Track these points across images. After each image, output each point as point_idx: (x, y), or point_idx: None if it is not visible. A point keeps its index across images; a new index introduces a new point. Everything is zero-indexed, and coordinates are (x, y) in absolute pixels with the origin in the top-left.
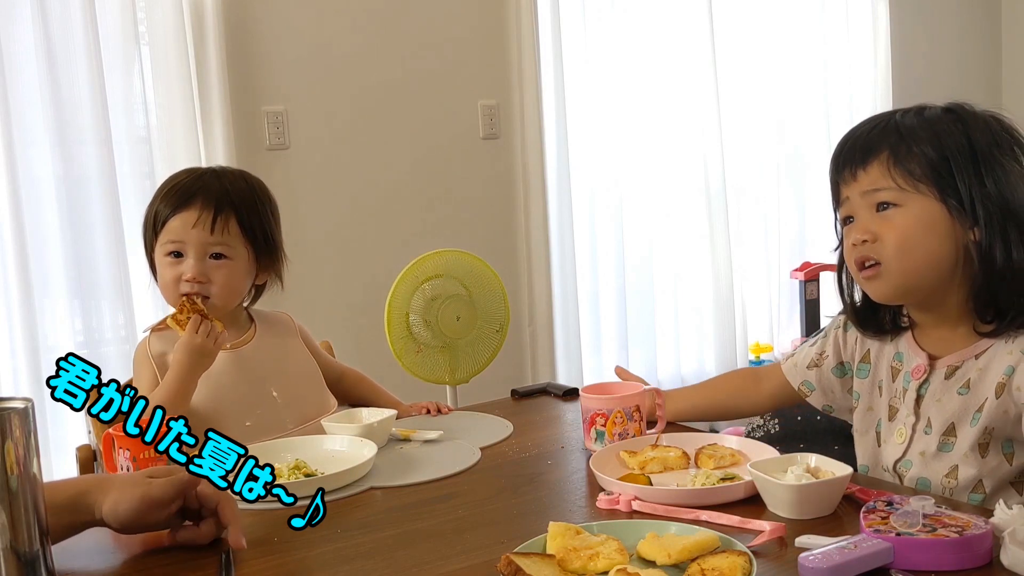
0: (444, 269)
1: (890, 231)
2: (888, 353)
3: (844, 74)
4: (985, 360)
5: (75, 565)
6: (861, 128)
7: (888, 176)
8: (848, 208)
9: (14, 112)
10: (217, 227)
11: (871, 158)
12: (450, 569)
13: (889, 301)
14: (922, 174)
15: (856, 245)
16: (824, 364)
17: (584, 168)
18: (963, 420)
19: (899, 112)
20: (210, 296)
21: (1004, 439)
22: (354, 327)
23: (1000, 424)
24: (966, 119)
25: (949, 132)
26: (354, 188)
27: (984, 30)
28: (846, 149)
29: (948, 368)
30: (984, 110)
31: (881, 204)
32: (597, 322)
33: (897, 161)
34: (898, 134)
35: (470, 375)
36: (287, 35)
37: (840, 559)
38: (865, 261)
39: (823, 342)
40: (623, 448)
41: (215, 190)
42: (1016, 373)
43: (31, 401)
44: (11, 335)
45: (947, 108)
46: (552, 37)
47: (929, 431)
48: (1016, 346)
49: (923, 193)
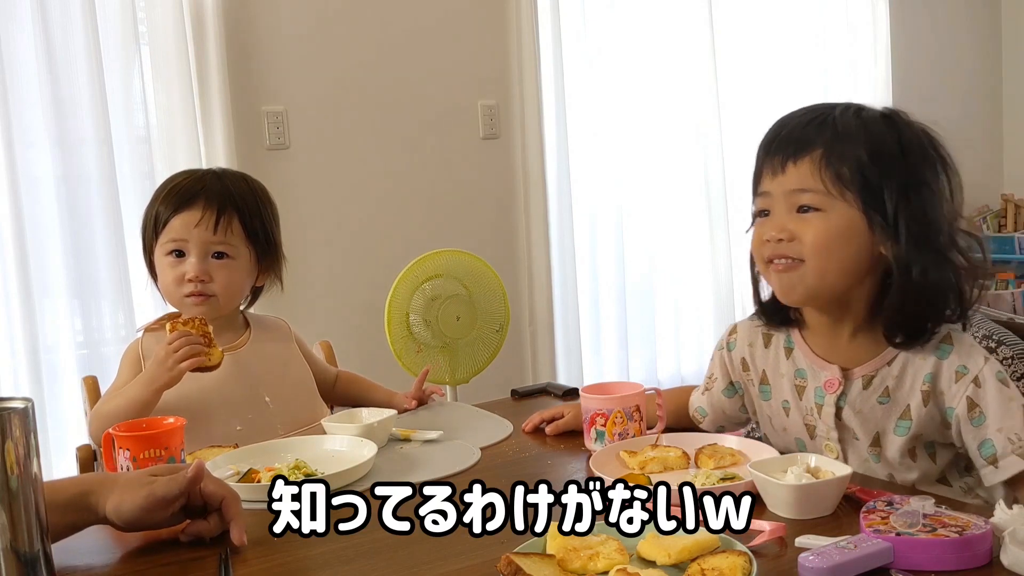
0: (444, 269)
1: (808, 232)
2: (786, 372)
3: (844, 75)
4: (899, 367)
5: (75, 564)
6: (797, 118)
7: (817, 177)
8: (766, 202)
9: (14, 112)
10: (220, 227)
11: (804, 153)
12: (450, 569)
13: (796, 303)
14: (851, 180)
15: (769, 242)
16: (714, 387)
17: (584, 168)
18: (887, 429)
19: (838, 108)
20: (212, 295)
21: (927, 442)
22: (354, 327)
23: (928, 430)
24: (901, 129)
25: (884, 140)
26: (354, 188)
27: (984, 30)
28: (780, 137)
29: (864, 378)
30: (918, 122)
31: (803, 207)
32: (597, 322)
33: (829, 162)
34: (835, 132)
35: (470, 375)
36: (287, 35)
37: (840, 559)
38: (778, 259)
39: (711, 365)
40: (623, 448)
41: (218, 190)
42: (938, 379)
43: (31, 401)
44: (11, 335)
45: (884, 113)
46: (552, 37)
47: (857, 440)
48: (927, 351)
49: (847, 201)
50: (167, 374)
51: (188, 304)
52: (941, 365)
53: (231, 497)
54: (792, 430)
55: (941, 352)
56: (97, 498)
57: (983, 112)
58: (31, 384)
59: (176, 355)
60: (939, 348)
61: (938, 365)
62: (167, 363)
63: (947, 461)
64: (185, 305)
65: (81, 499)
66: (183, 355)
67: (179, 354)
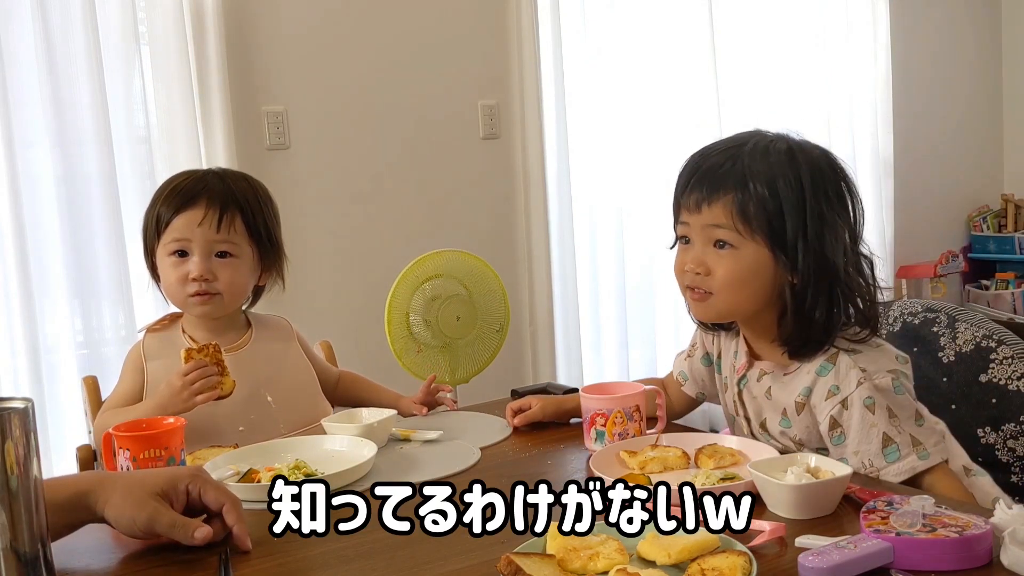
0: (444, 269)
1: (721, 268)
2: (731, 350)
3: (844, 75)
4: (789, 378)
5: (75, 565)
6: (711, 158)
7: (730, 217)
8: (686, 231)
9: (14, 112)
10: (223, 225)
11: (716, 198)
12: (450, 569)
13: (709, 321)
14: (758, 225)
15: (689, 272)
16: (695, 355)
17: (584, 168)
18: (773, 419)
19: (748, 146)
20: (216, 293)
21: (815, 448)
22: (354, 327)
23: (806, 436)
24: (801, 165)
25: (787, 183)
26: (354, 188)
27: (984, 30)
28: (695, 178)
29: (760, 372)
30: (817, 148)
31: (719, 242)
32: (597, 322)
33: (739, 208)
34: (743, 178)
35: (470, 375)
36: (287, 35)
37: (840, 559)
38: (694, 287)
39: (696, 334)
40: (623, 448)
41: (220, 190)
42: (812, 393)
43: (31, 401)
44: (11, 335)
45: (788, 150)
46: (552, 37)
47: (748, 421)
48: (812, 366)
49: (756, 242)
50: (181, 405)
51: (192, 304)
52: (817, 381)
53: (232, 502)
54: (729, 405)
55: (821, 370)
56: (96, 498)
57: (983, 112)
58: (31, 384)
59: (192, 388)
60: (822, 366)
61: (815, 381)
62: (182, 395)
63: None
64: (189, 305)
65: (80, 499)
66: (198, 388)
67: (195, 387)
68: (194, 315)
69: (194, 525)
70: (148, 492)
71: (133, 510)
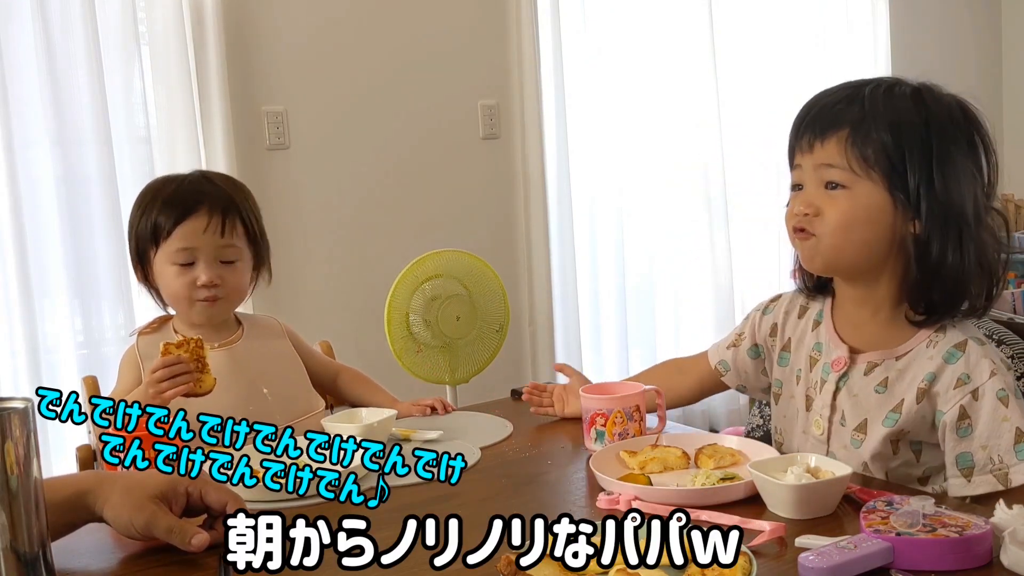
0: (444, 269)
1: (833, 209)
2: (808, 343)
3: (844, 75)
4: (905, 362)
5: (75, 565)
6: (828, 96)
7: (843, 155)
8: (799, 176)
9: (14, 112)
10: (227, 231)
11: (830, 133)
12: (450, 569)
13: (818, 272)
14: (876, 161)
15: (797, 214)
16: (741, 345)
17: (584, 168)
18: (876, 419)
19: (869, 86)
20: (224, 298)
21: (914, 440)
22: (354, 327)
23: (915, 427)
24: (931, 107)
25: (911, 122)
26: (354, 188)
27: (984, 30)
28: (810, 116)
29: (868, 364)
30: (952, 96)
31: (830, 183)
32: (597, 322)
33: (855, 142)
34: (862, 112)
35: (470, 375)
36: (287, 35)
37: (840, 559)
38: (802, 229)
39: (743, 324)
40: (623, 448)
41: (216, 195)
42: (937, 381)
43: (31, 401)
44: (11, 335)
45: (916, 89)
46: (552, 37)
47: (844, 424)
48: (937, 352)
49: (873, 180)
50: (148, 400)
51: (200, 308)
52: (945, 368)
53: (234, 503)
54: (797, 398)
55: (950, 356)
56: (95, 498)
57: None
58: (31, 384)
59: (159, 387)
60: (950, 353)
61: (942, 367)
62: (148, 392)
63: (933, 464)
64: (197, 309)
65: (79, 499)
66: (165, 387)
67: (161, 386)
68: (199, 319)
69: (191, 531)
70: (147, 495)
71: (131, 512)
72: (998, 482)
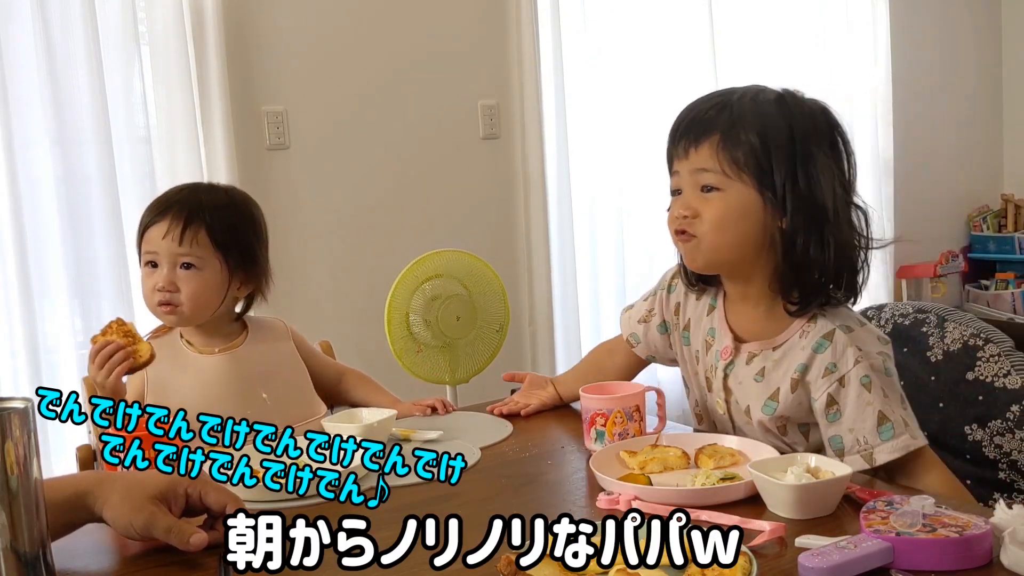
0: (444, 269)
1: (708, 211)
2: (704, 327)
3: (844, 75)
4: (781, 353)
5: (75, 565)
6: (700, 105)
7: (715, 159)
8: (677, 182)
9: (14, 112)
10: (186, 238)
11: (703, 139)
12: (450, 569)
13: (700, 270)
14: (745, 163)
15: (678, 217)
16: (651, 321)
17: (584, 168)
18: (756, 406)
19: (737, 93)
20: (179, 304)
21: (799, 423)
22: (354, 327)
23: (794, 413)
24: (793, 111)
25: (776, 125)
26: (354, 188)
27: (984, 30)
28: (684, 124)
29: (749, 355)
30: (815, 101)
31: (705, 187)
32: (597, 322)
33: (725, 146)
34: (731, 118)
35: (470, 375)
36: (287, 35)
37: (840, 559)
38: (683, 231)
39: (652, 299)
40: (623, 448)
41: (190, 203)
42: (808, 371)
43: (31, 401)
44: (11, 335)
45: (780, 95)
46: (552, 37)
47: (739, 405)
48: (808, 342)
49: (744, 182)
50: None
51: (160, 313)
52: (815, 358)
53: (234, 504)
54: (700, 377)
55: (818, 347)
56: (95, 498)
57: (983, 112)
58: (31, 384)
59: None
60: (819, 343)
61: (812, 358)
62: (96, 378)
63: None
64: (158, 314)
65: (79, 499)
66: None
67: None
68: (169, 323)
69: (190, 531)
70: (147, 495)
71: (131, 513)
72: (864, 461)
